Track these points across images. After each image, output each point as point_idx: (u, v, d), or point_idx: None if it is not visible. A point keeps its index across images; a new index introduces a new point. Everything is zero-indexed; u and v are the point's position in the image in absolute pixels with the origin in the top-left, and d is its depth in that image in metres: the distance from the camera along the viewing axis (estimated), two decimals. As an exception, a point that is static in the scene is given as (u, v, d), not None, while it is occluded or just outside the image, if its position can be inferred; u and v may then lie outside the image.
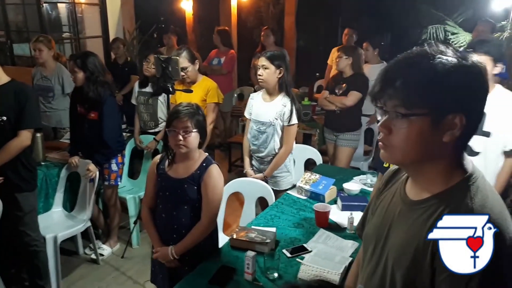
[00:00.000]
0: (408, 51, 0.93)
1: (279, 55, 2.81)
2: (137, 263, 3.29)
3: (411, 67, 0.89)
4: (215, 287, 1.75)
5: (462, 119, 0.87)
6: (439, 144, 0.90)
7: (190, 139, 1.99)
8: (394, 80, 0.89)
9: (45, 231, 2.82)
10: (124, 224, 3.67)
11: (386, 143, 0.95)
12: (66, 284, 3.02)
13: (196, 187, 2.03)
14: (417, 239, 0.93)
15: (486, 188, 0.93)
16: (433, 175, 0.94)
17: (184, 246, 2.03)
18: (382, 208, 1.11)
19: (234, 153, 5.21)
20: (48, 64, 3.88)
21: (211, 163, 2.07)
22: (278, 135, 2.86)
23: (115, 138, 3.14)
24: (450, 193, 0.92)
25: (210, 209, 2.04)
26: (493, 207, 0.89)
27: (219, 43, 5.40)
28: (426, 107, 0.87)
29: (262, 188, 2.74)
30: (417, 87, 0.88)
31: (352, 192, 2.61)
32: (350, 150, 3.83)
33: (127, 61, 5.12)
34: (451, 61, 0.87)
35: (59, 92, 3.91)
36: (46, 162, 3.22)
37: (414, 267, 0.92)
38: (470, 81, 0.88)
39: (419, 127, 0.89)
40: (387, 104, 0.91)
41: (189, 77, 3.17)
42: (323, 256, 1.93)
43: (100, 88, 2.98)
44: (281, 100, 2.82)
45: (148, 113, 3.73)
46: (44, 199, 3.12)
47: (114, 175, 3.25)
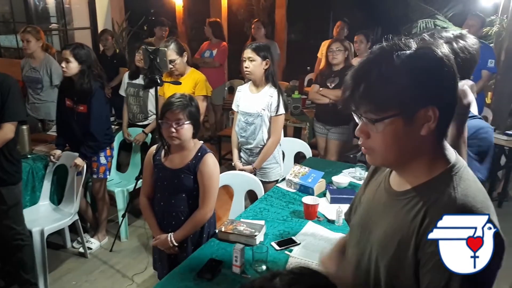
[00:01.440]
0: (369, 52, 0.91)
1: (264, 46, 2.81)
2: (126, 257, 3.27)
3: (372, 71, 0.87)
4: (203, 280, 1.74)
5: (434, 111, 0.86)
6: (418, 139, 0.89)
7: (182, 131, 2.01)
8: (359, 85, 0.87)
9: (32, 225, 2.79)
10: (113, 217, 3.65)
11: (366, 147, 0.94)
12: (53, 278, 2.99)
13: (193, 176, 2.07)
14: (400, 230, 0.92)
15: (469, 178, 0.92)
16: (417, 167, 0.94)
17: (183, 233, 2.08)
18: (368, 198, 1.11)
19: (224, 147, 5.18)
20: (36, 55, 3.82)
21: (206, 152, 2.10)
22: (266, 126, 2.86)
23: (103, 131, 3.11)
24: (433, 184, 0.92)
25: (208, 197, 2.08)
26: (476, 196, 0.88)
27: (211, 35, 5.36)
28: (395, 108, 0.86)
29: (252, 181, 2.73)
30: (380, 89, 0.86)
31: (341, 185, 2.62)
32: (341, 143, 3.83)
33: (116, 53, 5.07)
34: (411, 55, 0.85)
35: (48, 83, 3.86)
36: (33, 155, 3.18)
37: (397, 258, 0.92)
38: (434, 72, 0.86)
39: (394, 128, 0.87)
40: (360, 109, 0.90)
41: (177, 69, 3.14)
42: (311, 249, 1.93)
43: (92, 81, 2.95)
44: (268, 91, 2.82)
45: (138, 105, 3.69)
46: (30, 192, 3.08)
47: (102, 168, 3.21)
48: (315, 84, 3.85)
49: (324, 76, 3.76)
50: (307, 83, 5.60)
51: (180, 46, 3.16)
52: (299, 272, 0.81)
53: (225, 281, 1.74)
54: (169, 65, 2.98)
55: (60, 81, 3.35)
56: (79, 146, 3.03)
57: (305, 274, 0.81)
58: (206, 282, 1.73)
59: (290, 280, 0.78)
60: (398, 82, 0.84)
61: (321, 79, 3.78)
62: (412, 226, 0.90)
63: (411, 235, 0.90)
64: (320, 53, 5.52)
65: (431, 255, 0.85)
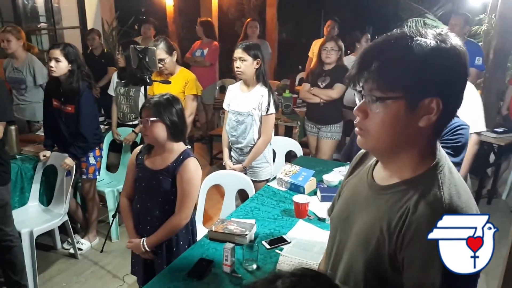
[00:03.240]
0: (387, 33, 0.90)
1: (255, 46, 2.81)
2: (117, 257, 3.25)
3: (388, 50, 0.87)
4: (193, 280, 1.73)
5: (439, 103, 0.85)
6: (414, 129, 0.88)
7: (152, 129, 1.98)
8: (371, 63, 0.86)
9: (21, 226, 2.76)
10: (103, 218, 3.62)
11: (362, 128, 0.92)
12: (43, 280, 2.97)
13: (171, 179, 2.02)
14: (382, 225, 0.91)
15: (453, 176, 0.92)
16: (405, 161, 0.93)
17: (156, 239, 2.03)
18: (348, 192, 1.10)
19: (215, 146, 5.17)
20: (18, 54, 3.77)
21: (188, 156, 2.04)
22: (256, 125, 2.86)
23: (92, 131, 3.08)
24: (418, 180, 0.91)
25: (185, 202, 2.02)
26: (461, 195, 0.88)
27: (202, 34, 5.34)
28: (402, 90, 0.85)
29: (242, 180, 2.73)
30: (393, 70, 0.85)
31: (331, 183, 2.62)
32: (333, 142, 3.84)
33: (104, 52, 5.04)
34: (429, 43, 0.85)
35: (31, 83, 3.81)
36: (21, 156, 3.15)
37: (377, 253, 0.92)
38: (448, 64, 0.85)
39: (395, 111, 0.86)
40: (364, 87, 0.89)
41: (167, 68, 3.12)
42: (302, 247, 1.94)
43: (81, 81, 2.93)
44: (259, 90, 2.82)
45: (128, 105, 3.66)
46: (19, 193, 3.05)
47: (92, 168, 3.19)
48: (306, 83, 3.85)
49: (315, 75, 3.75)
50: (298, 82, 5.61)
51: (169, 45, 3.14)
52: (301, 274, 0.79)
53: (215, 281, 1.74)
54: (159, 64, 2.96)
55: (46, 82, 3.31)
56: (68, 146, 3.01)
57: (307, 275, 0.80)
58: (196, 282, 1.72)
59: (292, 282, 0.76)
60: (413, 68, 0.84)
61: (312, 78, 3.77)
62: (394, 222, 0.89)
63: (392, 231, 0.89)
64: (311, 52, 5.53)
65: (418, 254, 0.85)
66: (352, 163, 1.17)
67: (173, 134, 2.03)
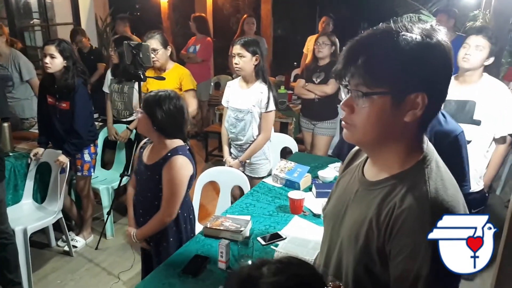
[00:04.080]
0: (373, 28, 0.90)
1: (253, 42, 2.79)
2: (112, 254, 3.24)
3: (374, 45, 0.87)
4: (188, 277, 1.73)
5: (424, 98, 0.86)
6: (400, 124, 0.88)
7: (139, 119, 2.05)
8: (356, 58, 0.86)
9: (14, 224, 2.74)
10: (98, 215, 3.61)
11: (348, 122, 0.93)
12: (37, 277, 2.95)
13: (158, 176, 2.03)
14: (370, 220, 0.92)
15: (440, 170, 0.92)
16: (392, 155, 0.93)
17: (144, 233, 2.11)
18: (340, 189, 1.11)
19: (211, 143, 5.16)
20: (1, 51, 3.72)
21: (176, 153, 2.01)
22: (256, 122, 2.85)
23: (87, 127, 3.06)
24: (405, 175, 0.92)
25: (168, 201, 2.03)
26: (447, 189, 0.88)
27: (195, 30, 5.32)
28: (387, 85, 0.86)
29: (238, 177, 2.73)
30: (378, 65, 0.85)
31: (326, 179, 2.62)
32: (328, 139, 3.84)
33: (92, 49, 5.03)
34: (414, 38, 0.85)
35: (18, 80, 3.76)
36: (15, 153, 3.12)
37: (366, 246, 0.93)
38: (433, 59, 0.86)
39: (380, 106, 0.87)
40: (350, 82, 0.89)
41: (159, 60, 3.08)
42: (297, 243, 1.94)
43: (76, 77, 2.91)
44: (258, 87, 2.80)
45: (122, 102, 3.64)
46: (13, 190, 3.03)
47: (87, 165, 3.17)
48: (301, 79, 3.85)
49: (310, 71, 3.75)
50: (293, 78, 5.60)
51: (165, 39, 3.14)
52: (287, 261, 0.83)
53: (210, 277, 1.74)
54: (151, 54, 2.96)
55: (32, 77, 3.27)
56: (62, 143, 2.99)
57: (293, 263, 0.83)
58: (191, 279, 1.72)
59: (277, 268, 0.80)
60: (398, 63, 0.84)
61: (307, 74, 3.77)
62: (381, 218, 0.90)
63: (381, 225, 0.90)
64: (306, 49, 5.52)
65: (403, 247, 0.86)
66: (345, 160, 1.18)
67: (161, 131, 2.01)
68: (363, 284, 0.95)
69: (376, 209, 0.92)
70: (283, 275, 0.79)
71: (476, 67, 2.36)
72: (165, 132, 2.03)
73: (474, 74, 2.39)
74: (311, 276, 0.83)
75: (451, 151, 1.80)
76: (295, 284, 0.79)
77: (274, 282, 0.78)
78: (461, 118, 2.39)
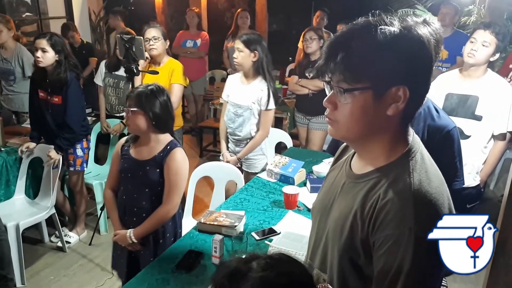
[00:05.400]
0: (352, 23, 0.90)
1: (255, 39, 2.77)
2: (105, 250, 3.22)
3: (352, 41, 0.86)
4: (182, 272, 1.72)
5: (405, 91, 0.86)
6: (383, 118, 0.88)
7: (133, 119, 1.98)
8: (336, 54, 0.86)
9: (6, 219, 2.71)
10: (92, 210, 3.59)
11: (332, 118, 0.93)
12: (30, 273, 2.93)
13: (159, 169, 2.01)
14: (355, 212, 0.93)
15: (425, 162, 0.92)
16: (377, 149, 0.93)
17: (144, 230, 2.01)
18: (328, 183, 1.11)
19: (205, 138, 5.14)
20: (8, 45, 3.69)
21: (175, 146, 2.03)
22: (255, 119, 2.84)
23: (80, 122, 3.04)
24: (390, 167, 0.92)
25: (172, 192, 2.01)
26: (431, 181, 0.89)
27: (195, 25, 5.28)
28: (368, 81, 0.85)
29: (231, 172, 2.72)
30: (357, 60, 0.85)
31: (321, 174, 2.62)
32: (323, 133, 3.83)
33: (84, 43, 5.00)
34: (393, 32, 0.85)
35: (20, 74, 3.74)
36: (6, 148, 3.09)
37: (350, 238, 0.93)
38: (412, 52, 0.85)
39: (362, 101, 0.87)
40: (332, 78, 0.89)
41: (157, 48, 3.08)
42: (291, 238, 1.93)
43: (68, 71, 2.88)
44: (258, 85, 2.79)
45: (116, 97, 3.61)
46: (5, 186, 3.00)
47: (79, 160, 3.15)
48: (294, 75, 3.84)
49: (303, 66, 3.75)
50: (288, 73, 5.58)
51: (164, 32, 3.17)
52: (278, 258, 0.82)
53: (204, 273, 1.73)
54: (151, 41, 3.00)
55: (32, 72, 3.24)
56: (54, 138, 2.96)
57: (283, 260, 0.82)
58: (185, 274, 1.71)
59: (267, 264, 0.79)
60: (377, 57, 0.84)
61: (300, 70, 3.77)
62: (366, 210, 0.91)
63: (365, 217, 0.90)
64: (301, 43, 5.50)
65: (385, 238, 0.86)
66: (335, 155, 1.18)
67: (156, 125, 2.00)
68: (348, 277, 0.95)
69: (361, 201, 0.92)
70: (273, 271, 0.78)
71: (482, 63, 2.35)
72: (161, 126, 2.02)
73: (478, 69, 2.38)
74: (301, 275, 0.82)
75: (443, 146, 1.80)
76: (284, 281, 0.78)
77: (262, 277, 0.77)
78: (463, 112, 2.38)
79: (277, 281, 0.78)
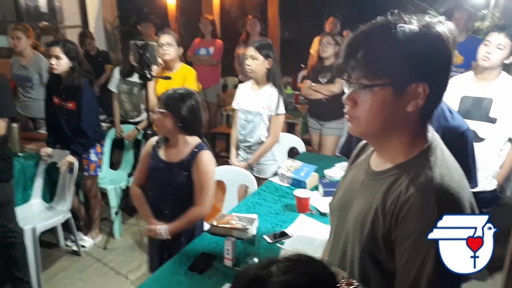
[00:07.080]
0: (371, 21, 0.91)
1: (267, 45, 2.80)
2: (120, 254, 3.25)
3: (372, 37, 0.88)
4: (194, 274, 1.73)
5: (425, 88, 0.86)
6: (403, 114, 0.89)
7: (160, 120, 2.04)
8: (356, 51, 0.88)
9: (24, 223, 2.76)
10: (106, 215, 3.62)
11: (351, 115, 0.94)
12: (46, 277, 2.97)
13: (186, 172, 2.05)
14: (376, 208, 0.93)
15: (445, 158, 0.93)
16: (397, 145, 0.94)
17: (178, 227, 2.06)
18: (347, 181, 1.11)
19: (218, 144, 5.17)
20: (26, 53, 3.78)
21: (202, 148, 2.09)
22: (265, 124, 2.86)
23: (93, 127, 3.09)
24: (410, 164, 0.92)
25: (204, 194, 2.06)
26: (452, 176, 0.89)
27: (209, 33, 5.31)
28: (388, 77, 0.86)
29: (244, 176, 2.73)
30: (378, 57, 0.86)
31: (333, 178, 2.61)
32: (336, 138, 3.83)
33: (99, 51, 5.10)
34: (412, 29, 0.86)
35: (38, 81, 3.82)
36: (24, 153, 3.15)
37: (372, 234, 0.93)
38: (432, 49, 0.86)
39: (382, 97, 0.88)
40: (352, 76, 0.90)
41: (170, 54, 3.14)
42: (303, 241, 1.93)
43: (82, 77, 2.94)
44: (268, 90, 2.81)
45: (131, 103, 3.66)
46: (22, 190, 3.05)
47: (93, 165, 3.20)
48: (307, 80, 3.85)
49: (316, 71, 3.75)
50: (300, 79, 5.59)
51: (177, 39, 3.23)
52: (297, 259, 0.79)
53: (216, 275, 1.74)
54: (164, 46, 3.06)
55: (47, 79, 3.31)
56: (69, 143, 3.01)
57: (302, 261, 0.80)
58: (197, 276, 1.72)
59: (286, 267, 0.77)
60: (397, 54, 0.85)
61: (313, 75, 3.77)
62: (387, 205, 0.91)
63: (386, 212, 0.90)
64: (313, 49, 5.51)
65: (408, 233, 0.85)
66: (353, 155, 1.19)
67: (183, 128, 2.05)
68: (369, 272, 0.95)
69: (382, 197, 0.92)
70: (293, 273, 0.76)
71: (496, 66, 2.34)
72: (188, 129, 2.06)
73: (493, 72, 2.36)
74: (322, 273, 0.80)
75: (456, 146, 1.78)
76: (305, 282, 0.76)
77: (284, 280, 0.75)
78: (477, 115, 2.37)
79: (298, 282, 0.75)
